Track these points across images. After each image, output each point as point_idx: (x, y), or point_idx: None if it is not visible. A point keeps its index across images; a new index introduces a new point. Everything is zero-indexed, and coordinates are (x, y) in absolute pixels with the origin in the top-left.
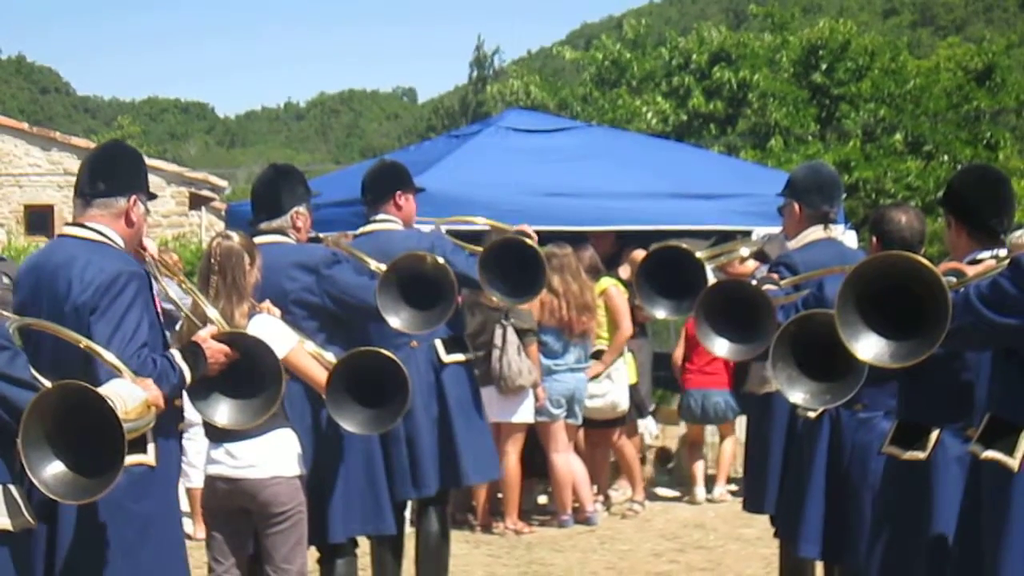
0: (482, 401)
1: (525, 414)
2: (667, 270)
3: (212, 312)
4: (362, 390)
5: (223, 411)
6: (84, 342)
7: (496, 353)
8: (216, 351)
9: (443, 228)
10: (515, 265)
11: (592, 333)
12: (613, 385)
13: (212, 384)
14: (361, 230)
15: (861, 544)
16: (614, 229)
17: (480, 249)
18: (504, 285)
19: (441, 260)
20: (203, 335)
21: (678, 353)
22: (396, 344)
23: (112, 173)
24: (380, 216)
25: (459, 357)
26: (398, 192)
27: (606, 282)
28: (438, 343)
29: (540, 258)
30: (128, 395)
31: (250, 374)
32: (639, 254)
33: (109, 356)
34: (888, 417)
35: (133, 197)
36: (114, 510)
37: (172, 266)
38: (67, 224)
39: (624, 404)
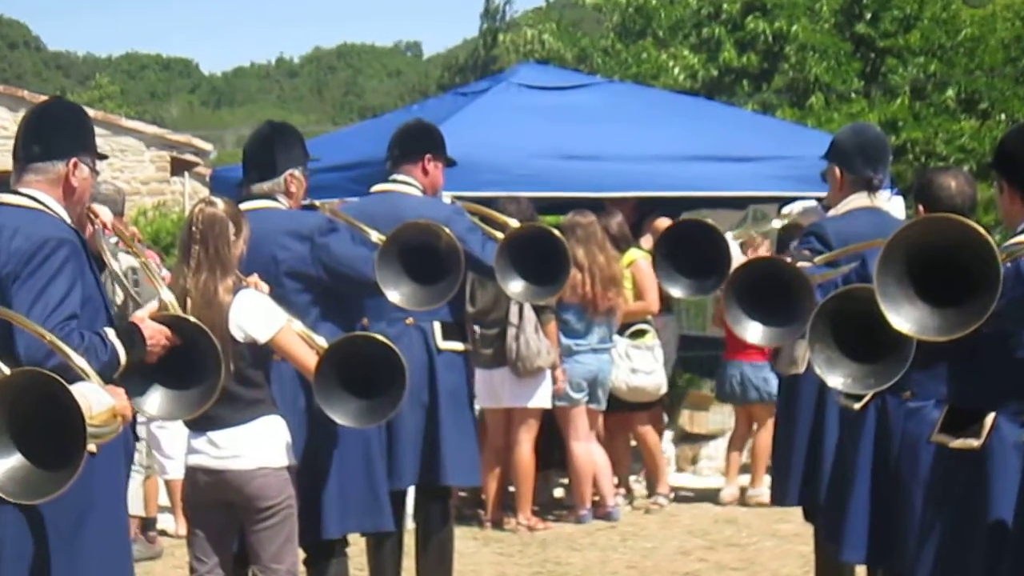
0: (474, 401)
1: (542, 399)
2: (688, 246)
3: (166, 295)
4: (355, 378)
5: (155, 401)
6: (5, 313)
7: (511, 331)
8: (156, 332)
9: (460, 203)
10: (536, 257)
11: (619, 310)
12: (656, 363)
13: (146, 371)
14: (375, 188)
15: (910, 543)
16: (637, 195)
17: (499, 235)
18: (523, 278)
19: (450, 232)
20: (141, 315)
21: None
22: (391, 318)
23: (47, 135)
24: (401, 177)
25: (457, 346)
26: (428, 156)
27: (635, 254)
28: (436, 326)
29: (565, 252)
30: (95, 399)
31: (190, 363)
32: (663, 223)
33: (47, 335)
34: (940, 406)
35: (73, 160)
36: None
37: (128, 237)
38: (2, 192)
39: (665, 386)
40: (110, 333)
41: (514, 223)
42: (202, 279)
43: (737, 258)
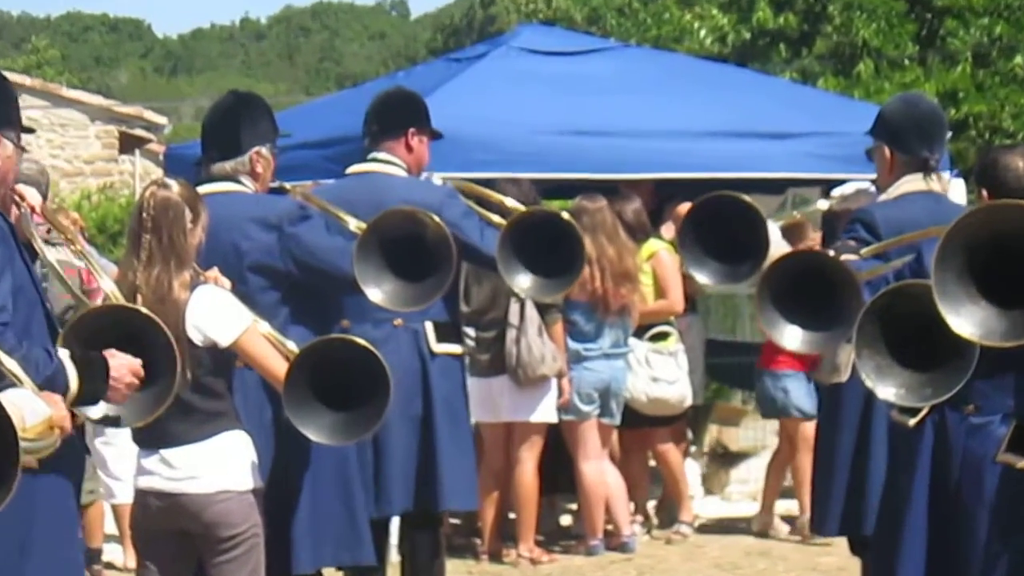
0: (470, 412)
1: (546, 412)
2: (720, 226)
3: (107, 285)
4: (330, 388)
5: (99, 405)
6: None
7: (511, 334)
8: (124, 369)
9: (453, 184)
10: (544, 246)
11: (633, 309)
12: (680, 372)
13: None
14: (353, 168)
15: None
16: (657, 178)
17: (502, 221)
18: (530, 271)
19: (438, 220)
20: (114, 351)
21: None
22: (376, 319)
23: None
24: (382, 155)
25: (453, 348)
26: (412, 130)
27: (655, 245)
28: (428, 327)
29: (578, 240)
30: (28, 409)
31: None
32: (684, 208)
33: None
34: (1007, 421)
35: None
36: None
37: (64, 226)
38: None
39: (691, 397)
40: (63, 354)
41: (517, 206)
42: (154, 273)
43: (777, 244)
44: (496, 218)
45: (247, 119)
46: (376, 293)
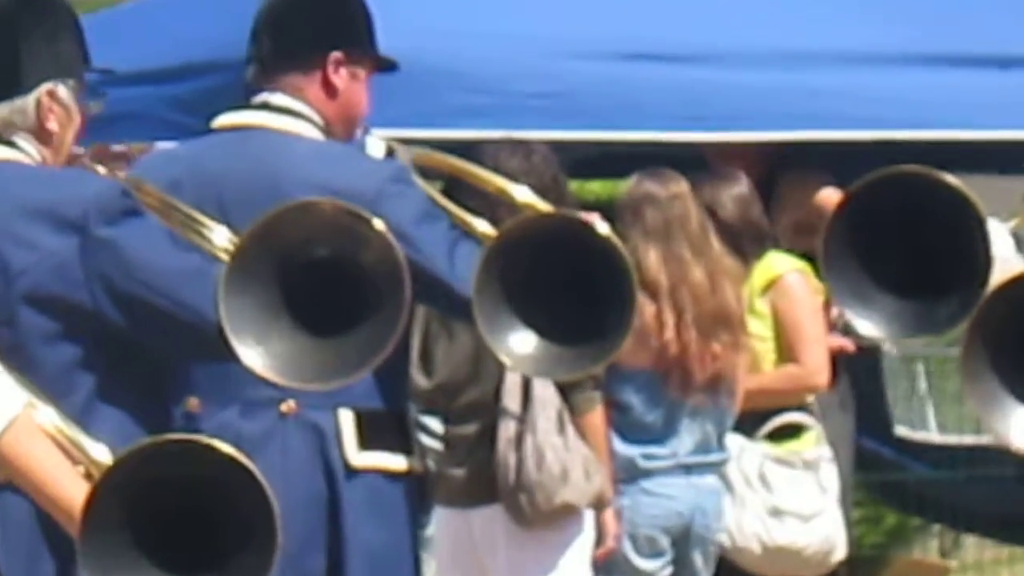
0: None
1: (574, 571)
2: (901, 232)
3: None
4: (168, 532)
5: None
6: None
7: (508, 429)
8: None
9: (405, 154)
10: (562, 277)
11: (736, 382)
12: (824, 498)
13: None
14: (224, 121)
15: None
16: (779, 140)
17: (484, 229)
18: (532, 326)
19: (379, 226)
20: None
21: None
22: (249, 401)
23: None
24: (278, 98)
25: (389, 462)
26: (336, 54)
27: (778, 263)
28: (345, 419)
29: (624, 268)
30: None
31: None
32: (831, 197)
33: None
34: None
35: None
36: None
37: None
38: None
39: (843, 545)
40: None
41: (520, 196)
42: None
43: (1007, 262)
44: (482, 224)
45: (31, 34)
46: (256, 355)
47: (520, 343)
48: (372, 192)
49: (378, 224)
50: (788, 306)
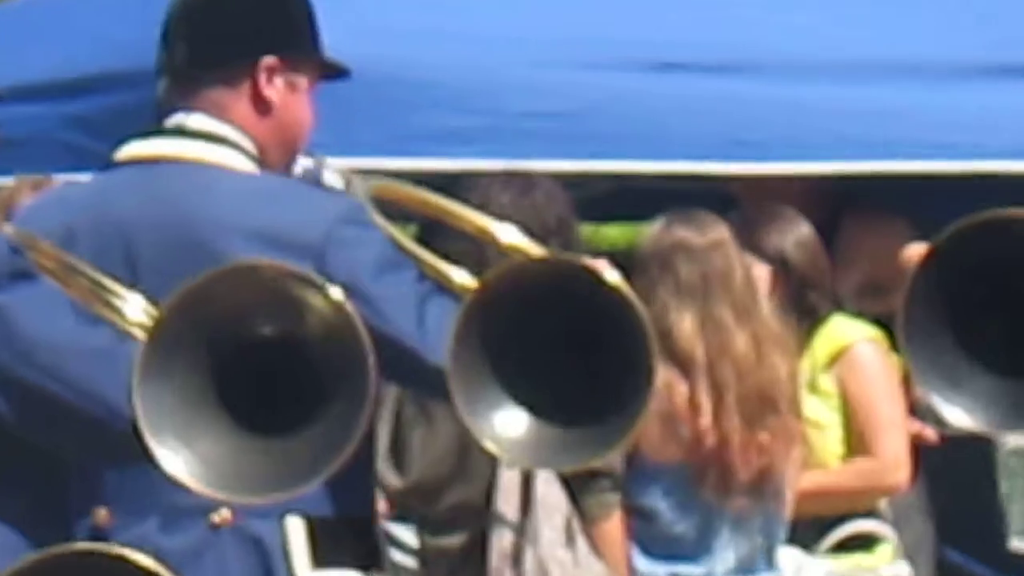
0: None
1: None
2: (1004, 295)
3: None
4: None
5: None
6: None
7: (504, 539)
8: None
9: (361, 186)
10: (564, 340)
11: (791, 483)
12: None
13: None
14: (130, 152)
15: None
16: (839, 172)
17: (465, 284)
18: (525, 404)
19: (340, 299)
20: None
21: None
22: (173, 509)
23: None
24: (195, 119)
25: None
26: (266, 60)
27: (845, 330)
28: (294, 529)
29: (642, 333)
30: None
31: None
32: (911, 248)
33: None
34: None
35: None
36: None
37: None
38: None
39: None
40: None
41: (506, 238)
42: None
43: None
44: (459, 275)
45: None
46: (179, 458)
47: (510, 425)
48: (318, 238)
49: (335, 293)
50: (859, 383)
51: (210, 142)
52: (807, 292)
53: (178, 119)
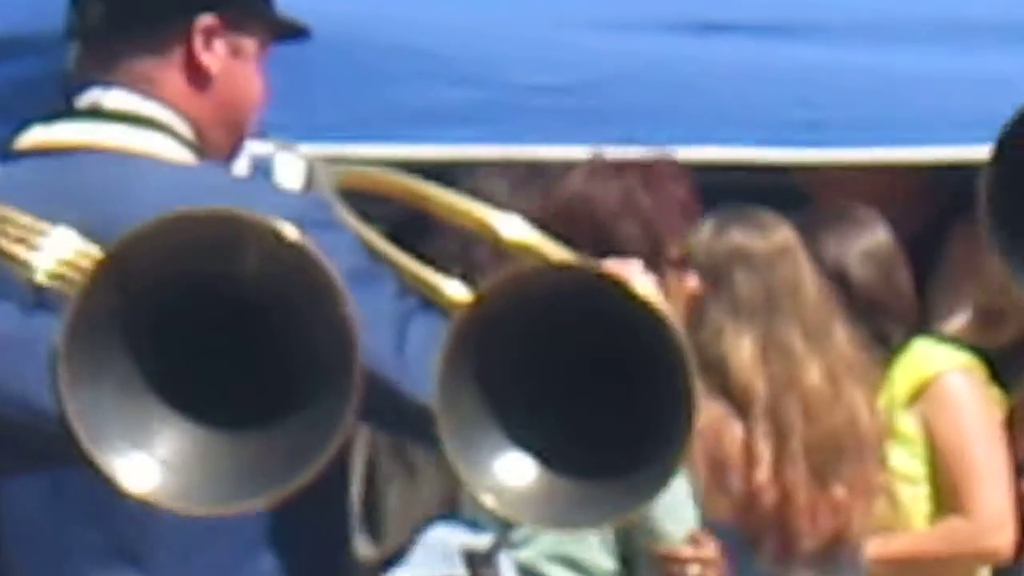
0: None
1: None
2: None
3: None
4: None
5: None
6: None
7: None
8: None
9: (327, 177)
10: (580, 368)
11: (857, 545)
12: None
13: None
14: (26, 140)
15: None
16: (944, 160)
17: (457, 298)
18: (529, 448)
19: (296, 237)
20: None
21: None
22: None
23: None
24: (113, 96)
25: None
26: (203, 19)
27: (932, 357)
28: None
29: (673, 341)
30: None
31: None
32: None
33: None
34: None
35: None
36: None
37: None
38: None
39: None
40: None
41: (509, 233)
42: None
43: None
44: (452, 286)
45: None
46: (131, 465)
47: (513, 474)
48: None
49: (290, 232)
50: (949, 423)
51: (133, 125)
52: (876, 317)
53: (93, 96)
